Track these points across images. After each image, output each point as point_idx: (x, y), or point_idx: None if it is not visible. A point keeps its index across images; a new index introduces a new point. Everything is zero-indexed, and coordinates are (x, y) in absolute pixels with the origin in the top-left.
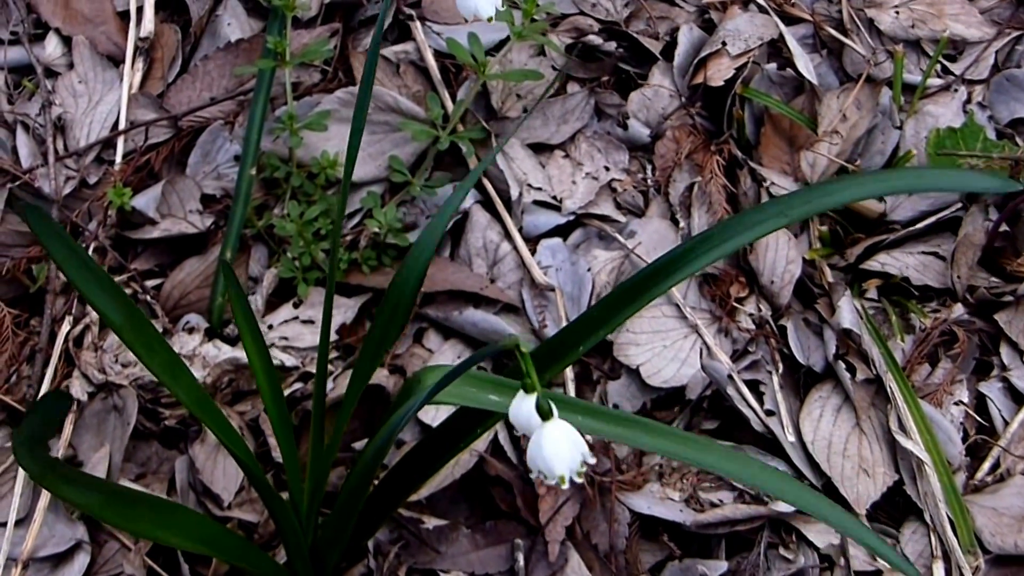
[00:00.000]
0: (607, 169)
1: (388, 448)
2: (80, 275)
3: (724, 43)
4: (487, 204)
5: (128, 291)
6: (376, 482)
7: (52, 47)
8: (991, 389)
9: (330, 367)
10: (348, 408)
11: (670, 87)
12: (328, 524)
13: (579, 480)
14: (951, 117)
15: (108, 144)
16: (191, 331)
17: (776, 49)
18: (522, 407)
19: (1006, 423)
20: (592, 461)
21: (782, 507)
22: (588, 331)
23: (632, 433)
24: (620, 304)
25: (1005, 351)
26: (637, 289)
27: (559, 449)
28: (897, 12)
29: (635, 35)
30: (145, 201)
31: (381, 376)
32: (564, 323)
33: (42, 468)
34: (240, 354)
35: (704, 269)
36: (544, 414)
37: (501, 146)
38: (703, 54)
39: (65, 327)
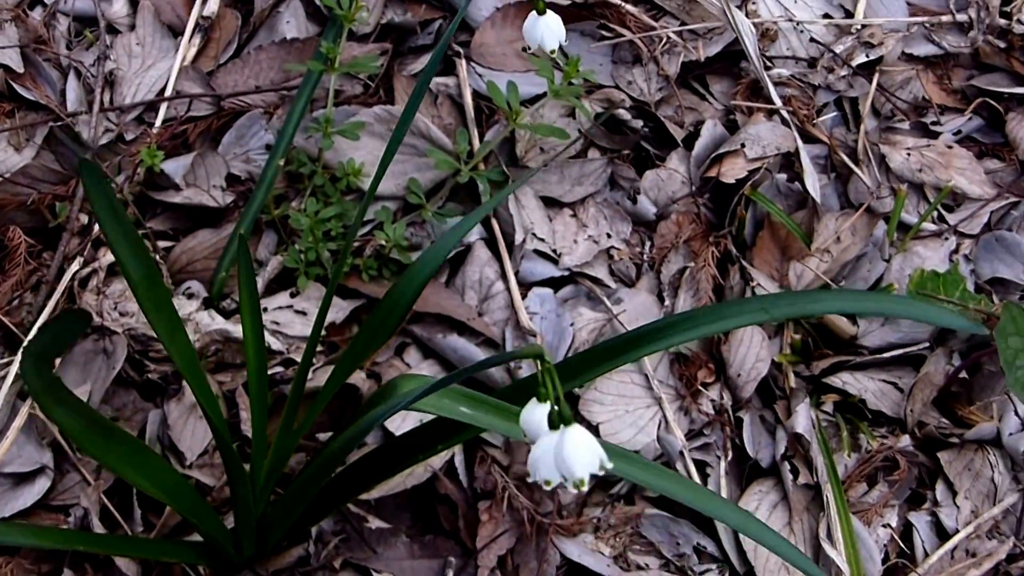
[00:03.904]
0: (609, 236)
1: (358, 442)
2: (113, 227)
3: (743, 145)
4: (490, 243)
5: None
6: (332, 474)
7: (119, 6)
8: (919, 520)
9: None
10: (323, 399)
11: (684, 174)
12: (280, 503)
13: (602, 472)
14: (937, 262)
15: (151, 107)
16: (190, 296)
17: (789, 161)
18: (534, 414)
19: (926, 554)
20: (609, 466)
21: None
22: (562, 379)
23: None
24: (598, 360)
25: (940, 488)
26: (617, 350)
27: (579, 454)
28: (909, 154)
29: (662, 118)
30: (174, 167)
31: (358, 378)
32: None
33: (42, 386)
34: (231, 327)
35: (680, 346)
36: (564, 420)
37: (515, 187)
38: (721, 150)
39: (74, 266)
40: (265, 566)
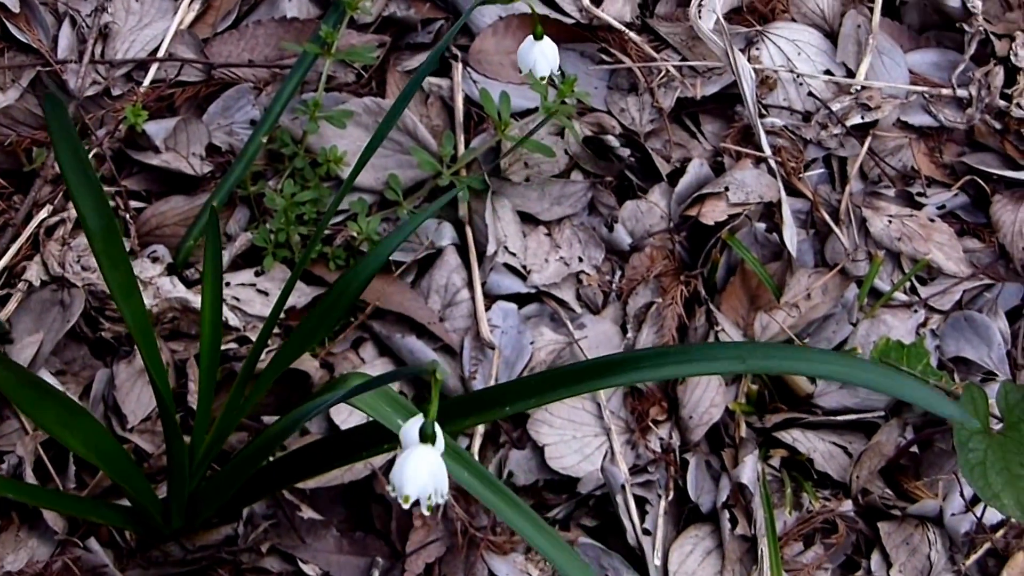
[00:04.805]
0: (580, 260)
1: (295, 428)
2: (76, 176)
3: (727, 188)
4: (462, 250)
5: (112, 203)
6: (272, 458)
7: None
8: None
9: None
10: (267, 380)
11: (664, 209)
12: (215, 479)
13: (427, 513)
14: (903, 333)
15: (142, 66)
16: (155, 260)
17: (770, 212)
18: (414, 428)
19: None
20: (442, 501)
21: None
22: (520, 395)
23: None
24: (561, 383)
25: (875, 558)
26: (583, 374)
27: (419, 472)
28: (890, 221)
29: (650, 150)
30: (156, 129)
31: (311, 366)
32: (493, 382)
33: None
34: (191, 297)
35: (646, 381)
36: (425, 437)
37: (475, 180)
38: (704, 191)
39: (43, 214)
40: (192, 540)
